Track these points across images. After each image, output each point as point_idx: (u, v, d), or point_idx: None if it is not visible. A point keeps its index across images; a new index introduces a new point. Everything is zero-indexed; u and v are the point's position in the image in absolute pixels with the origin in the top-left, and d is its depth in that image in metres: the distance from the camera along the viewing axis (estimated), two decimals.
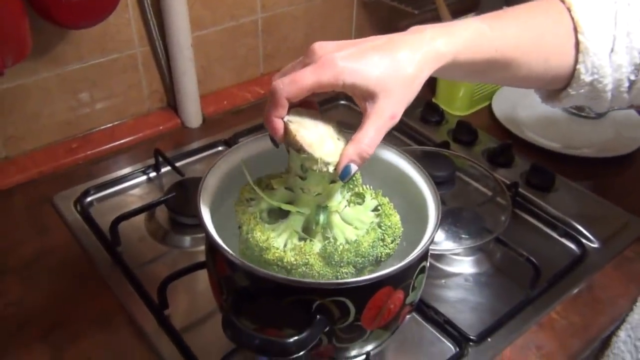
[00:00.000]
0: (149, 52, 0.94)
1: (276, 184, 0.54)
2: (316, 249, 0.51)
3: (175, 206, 0.79)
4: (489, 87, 1.07)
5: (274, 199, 0.53)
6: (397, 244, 0.54)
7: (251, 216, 0.52)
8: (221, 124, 1.00)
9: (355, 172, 0.47)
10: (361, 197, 0.57)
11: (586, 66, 0.55)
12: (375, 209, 0.56)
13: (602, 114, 1.05)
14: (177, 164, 0.88)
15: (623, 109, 1.04)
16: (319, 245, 0.51)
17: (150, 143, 0.93)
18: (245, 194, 0.54)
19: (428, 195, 0.56)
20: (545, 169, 0.88)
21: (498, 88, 1.09)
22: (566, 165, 0.93)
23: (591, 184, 0.90)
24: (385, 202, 0.56)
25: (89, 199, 0.83)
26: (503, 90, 1.08)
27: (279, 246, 0.51)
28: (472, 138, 0.97)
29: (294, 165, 0.51)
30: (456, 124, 0.98)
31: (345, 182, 0.49)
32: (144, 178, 0.88)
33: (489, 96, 1.08)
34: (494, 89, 1.08)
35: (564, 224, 0.82)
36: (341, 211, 0.53)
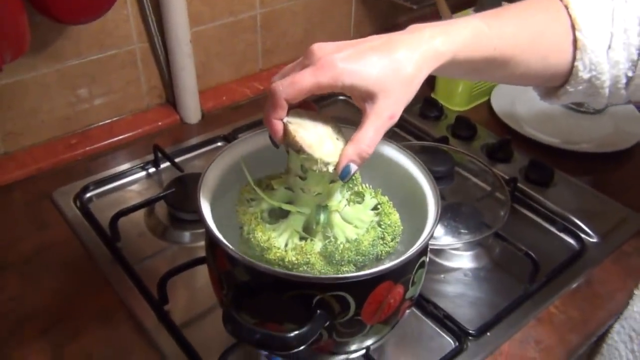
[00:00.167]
0: (147, 48, 0.94)
1: (276, 184, 0.54)
2: (317, 249, 0.51)
3: (175, 202, 0.79)
4: (488, 82, 1.07)
5: (274, 199, 0.53)
6: (397, 242, 0.55)
7: (252, 216, 0.52)
8: (220, 119, 1.00)
9: (355, 171, 0.48)
10: (360, 196, 0.57)
11: (584, 63, 0.56)
12: (375, 208, 0.56)
13: (600, 109, 1.05)
14: (176, 159, 0.88)
15: (621, 105, 1.04)
16: (319, 245, 0.52)
17: (149, 139, 0.93)
18: (245, 194, 0.55)
19: (427, 190, 0.56)
20: (544, 164, 0.88)
21: (497, 84, 1.09)
22: (565, 160, 0.93)
23: (590, 179, 0.90)
24: (385, 201, 0.57)
25: (88, 194, 0.83)
26: (502, 85, 1.08)
27: (280, 246, 0.51)
28: (471, 133, 0.97)
29: (293, 166, 0.51)
30: (455, 119, 0.98)
31: (345, 182, 0.49)
32: (143, 174, 0.88)
33: (488, 91, 1.08)
34: (493, 85, 1.08)
35: (562, 218, 0.82)
36: (341, 210, 0.53)
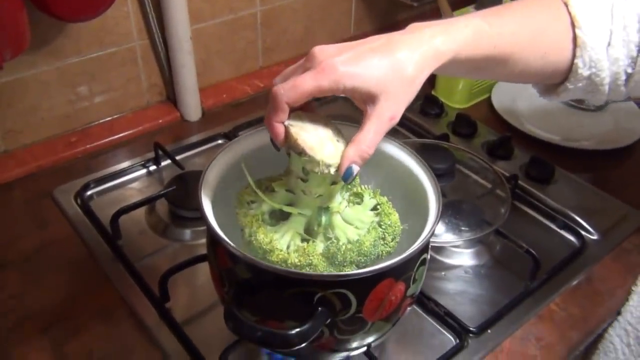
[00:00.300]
0: (147, 46, 0.94)
1: (276, 186, 0.54)
2: (319, 250, 0.52)
3: (176, 199, 0.79)
4: (488, 80, 1.07)
5: (275, 201, 0.53)
6: (397, 242, 0.55)
7: (253, 219, 0.52)
8: (220, 117, 1.00)
9: (357, 173, 0.48)
10: (360, 196, 0.57)
11: (584, 60, 0.56)
12: (374, 208, 0.57)
13: (601, 106, 1.05)
14: (177, 157, 0.88)
15: (621, 101, 1.04)
16: (321, 246, 0.52)
17: (150, 136, 0.93)
18: (245, 196, 0.55)
19: (429, 188, 0.56)
20: (545, 161, 0.88)
21: (497, 81, 1.09)
22: (565, 157, 0.93)
23: (590, 176, 0.90)
24: (384, 201, 0.57)
25: (89, 192, 0.83)
26: (502, 82, 1.08)
27: (283, 248, 0.51)
28: (472, 130, 0.97)
29: (295, 168, 0.51)
30: (456, 116, 0.98)
31: (348, 183, 0.49)
32: (143, 171, 0.88)
33: (488, 89, 1.08)
34: (493, 82, 1.08)
35: (563, 216, 0.82)
36: (342, 212, 0.54)
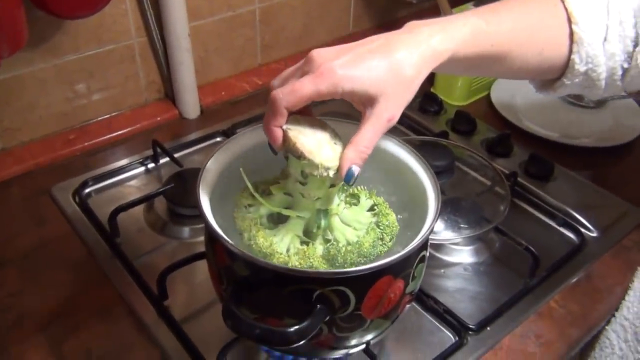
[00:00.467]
0: (146, 43, 0.93)
1: (274, 189, 0.54)
2: (319, 252, 0.52)
3: (174, 197, 0.79)
4: (486, 77, 1.07)
5: (273, 204, 0.53)
6: (394, 242, 0.55)
7: (251, 222, 0.52)
8: (219, 114, 1.00)
9: (358, 173, 0.48)
10: (356, 197, 0.58)
11: (580, 56, 0.56)
12: (371, 209, 0.57)
13: (600, 103, 1.05)
14: (176, 155, 0.87)
15: (620, 98, 1.04)
16: (320, 248, 0.52)
17: (148, 134, 0.93)
18: (242, 200, 0.55)
19: (428, 185, 0.56)
20: (544, 158, 0.88)
21: (496, 78, 1.09)
22: (565, 154, 0.93)
23: (590, 174, 0.90)
24: (381, 202, 0.57)
25: (87, 190, 0.83)
26: (502, 80, 1.08)
27: (282, 251, 0.51)
28: (471, 128, 0.96)
29: (293, 172, 0.51)
30: (455, 113, 0.98)
31: (350, 185, 0.49)
32: (142, 169, 0.88)
33: (487, 86, 1.07)
34: (492, 79, 1.08)
35: (562, 213, 0.82)
36: (340, 213, 0.54)
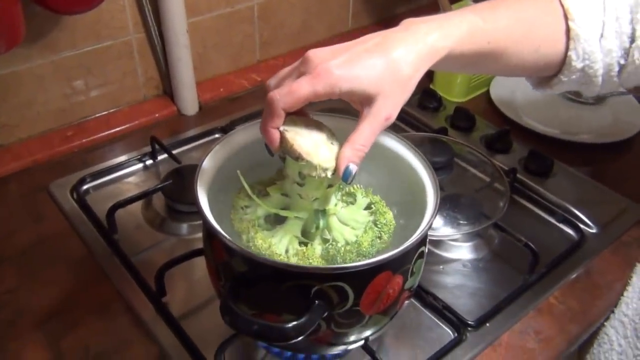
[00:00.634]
0: (144, 39, 0.93)
1: (271, 190, 0.54)
2: (318, 252, 0.52)
3: (172, 193, 0.78)
4: (482, 74, 1.07)
5: (270, 205, 0.53)
6: (392, 238, 0.55)
7: (249, 224, 0.52)
8: (217, 111, 0.99)
9: (355, 172, 0.48)
10: (352, 196, 0.58)
11: (577, 52, 0.56)
12: (368, 207, 0.57)
13: (600, 99, 1.05)
14: (174, 151, 0.87)
15: (620, 94, 1.04)
16: (319, 249, 0.52)
17: (146, 131, 0.93)
18: (239, 201, 0.55)
19: (427, 181, 0.55)
20: (544, 154, 0.88)
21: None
22: (564, 151, 0.93)
23: (589, 170, 0.90)
24: (378, 200, 0.58)
25: (85, 187, 0.82)
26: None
27: (282, 252, 0.51)
28: (470, 124, 0.96)
29: (291, 173, 0.51)
30: (454, 110, 0.98)
31: (349, 184, 0.49)
32: (140, 166, 0.88)
33: (486, 82, 1.07)
34: (491, 75, 1.07)
35: (562, 209, 0.82)
36: (337, 213, 0.54)
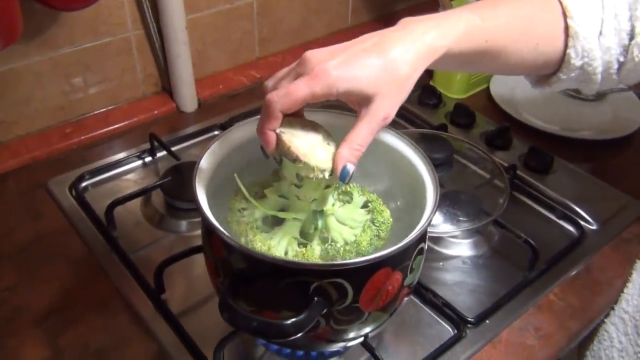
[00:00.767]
0: (142, 36, 0.93)
1: (269, 192, 0.54)
2: (317, 253, 0.52)
3: (171, 190, 0.78)
4: (481, 73, 1.06)
5: (268, 207, 0.53)
6: (390, 235, 0.55)
7: (247, 226, 0.52)
8: (217, 108, 0.99)
9: (353, 171, 0.48)
10: (349, 195, 0.58)
11: (576, 50, 0.55)
12: (365, 205, 0.57)
13: (600, 96, 1.04)
14: (173, 148, 0.87)
15: (620, 91, 1.04)
16: (318, 249, 0.52)
17: (145, 128, 0.92)
18: (236, 204, 0.55)
19: (426, 178, 0.55)
20: (544, 151, 0.87)
21: None
22: (564, 147, 0.92)
23: (589, 166, 0.90)
24: (374, 198, 0.58)
25: (83, 184, 0.82)
26: None
27: (281, 254, 0.51)
28: (470, 121, 0.96)
29: (288, 175, 0.51)
30: (454, 106, 0.98)
31: (346, 183, 0.49)
32: (139, 163, 0.87)
33: (486, 79, 1.07)
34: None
35: (562, 206, 0.81)
36: (335, 213, 0.54)
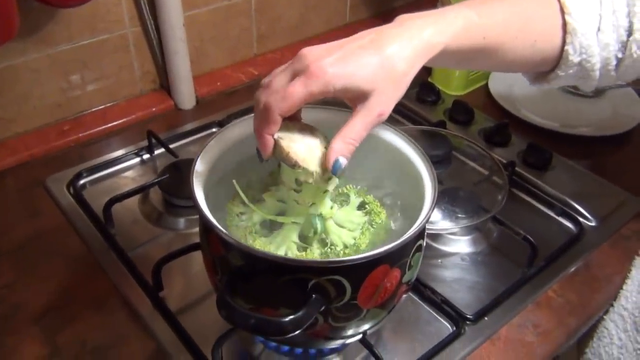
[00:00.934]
0: (140, 33, 0.92)
1: (266, 196, 0.54)
2: (317, 257, 0.51)
3: (169, 188, 0.78)
4: (478, 70, 1.06)
5: (266, 211, 0.53)
6: (390, 234, 0.55)
7: (245, 231, 0.52)
8: (215, 105, 0.99)
9: (345, 165, 0.47)
10: (345, 196, 0.58)
11: (574, 47, 0.55)
12: (362, 206, 0.57)
13: (599, 92, 1.04)
14: (171, 145, 0.87)
15: (619, 87, 1.04)
16: (317, 253, 0.52)
17: (143, 125, 0.92)
18: (234, 208, 0.55)
19: (425, 174, 0.55)
20: (542, 147, 0.87)
21: None
22: (563, 144, 0.92)
23: (588, 163, 0.90)
24: (371, 200, 0.58)
25: (81, 181, 0.82)
26: None
27: None
28: (469, 117, 0.96)
29: (287, 180, 0.51)
30: (452, 103, 0.97)
31: (337, 176, 0.49)
32: (137, 160, 0.87)
33: (485, 75, 1.07)
34: None
35: (561, 202, 0.81)
36: (333, 216, 0.54)
